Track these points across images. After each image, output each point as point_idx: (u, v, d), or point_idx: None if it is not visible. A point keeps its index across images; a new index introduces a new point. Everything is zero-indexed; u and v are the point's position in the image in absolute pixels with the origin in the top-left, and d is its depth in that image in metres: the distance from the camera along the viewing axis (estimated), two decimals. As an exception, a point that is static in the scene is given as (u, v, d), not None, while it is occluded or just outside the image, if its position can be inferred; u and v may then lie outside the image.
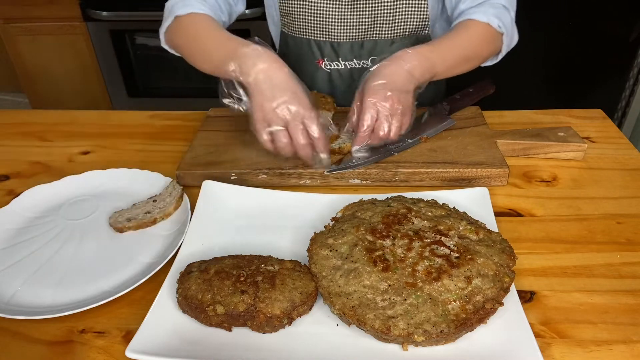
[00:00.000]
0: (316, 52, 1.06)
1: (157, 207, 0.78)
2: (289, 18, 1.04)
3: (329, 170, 0.83)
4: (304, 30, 1.04)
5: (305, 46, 1.06)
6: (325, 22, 1.01)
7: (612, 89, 2.10)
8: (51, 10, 2.18)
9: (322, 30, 1.03)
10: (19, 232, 0.77)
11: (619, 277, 0.66)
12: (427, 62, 0.82)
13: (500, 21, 0.88)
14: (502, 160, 0.83)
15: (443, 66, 0.85)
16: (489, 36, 0.90)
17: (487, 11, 0.88)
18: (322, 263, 0.63)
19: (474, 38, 0.89)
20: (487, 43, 0.90)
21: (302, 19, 1.03)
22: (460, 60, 0.88)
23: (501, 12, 0.89)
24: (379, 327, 0.55)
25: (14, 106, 2.88)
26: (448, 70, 0.87)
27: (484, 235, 0.66)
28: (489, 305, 0.57)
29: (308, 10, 1.01)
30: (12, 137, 1.04)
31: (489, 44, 0.91)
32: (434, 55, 0.83)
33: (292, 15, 1.03)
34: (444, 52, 0.85)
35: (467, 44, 0.89)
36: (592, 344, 0.57)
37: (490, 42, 0.90)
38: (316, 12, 1.01)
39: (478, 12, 0.89)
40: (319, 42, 1.05)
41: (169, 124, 1.07)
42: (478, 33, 0.89)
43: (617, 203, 0.79)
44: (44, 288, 0.67)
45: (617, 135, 0.96)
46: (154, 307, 0.61)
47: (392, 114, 0.79)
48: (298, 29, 1.05)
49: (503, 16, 0.89)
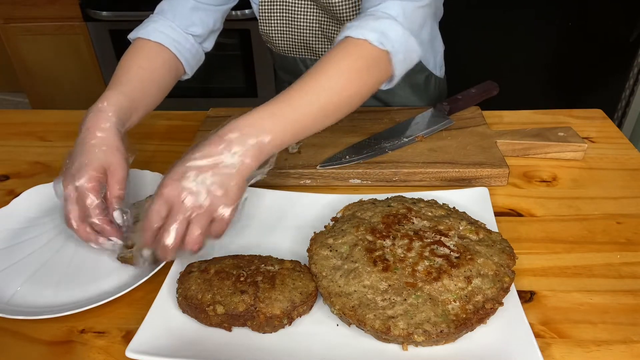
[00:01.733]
0: (302, 68, 1.06)
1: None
2: (270, 37, 1.03)
3: (322, 165, 0.83)
4: (288, 50, 1.04)
5: (292, 63, 1.06)
6: (307, 42, 1.00)
7: (612, 89, 2.10)
8: (51, 10, 2.19)
9: (305, 49, 1.02)
10: (19, 232, 0.77)
11: (619, 277, 0.66)
12: (267, 137, 0.61)
13: (383, 35, 0.67)
14: (502, 160, 0.83)
15: (299, 126, 0.64)
16: (366, 63, 0.67)
17: (362, 24, 0.67)
18: (322, 263, 0.63)
19: (337, 76, 0.66)
20: (365, 71, 0.68)
21: (284, 40, 1.02)
22: (327, 110, 0.66)
23: (387, 23, 0.68)
24: (379, 327, 0.55)
25: (14, 106, 2.88)
26: (313, 126, 0.67)
27: (484, 235, 0.66)
28: (489, 305, 0.57)
29: (289, 32, 0.99)
30: (12, 137, 1.04)
31: (368, 71, 0.68)
32: (281, 121, 0.62)
33: (274, 36, 1.01)
34: (298, 108, 0.64)
35: (327, 88, 0.65)
36: (592, 344, 0.57)
37: (369, 69, 0.68)
38: (298, 34, 0.99)
39: (353, 28, 0.68)
40: (305, 59, 1.05)
41: (169, 124, 1.07)
42: (346, 64, 0.67)
43: (617, 203, 0.79)
44: (44, 288, 0.67)
45: (617, 135, 0.96)
46: (154, 307, 0.61)
47: (193, 215, 0.58)
48: (282, 48, 1.04)
49: (389, 27, 0.68)
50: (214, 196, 0.58)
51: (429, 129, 0.91)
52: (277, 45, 1.04)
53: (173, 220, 0.58)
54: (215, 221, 0.60)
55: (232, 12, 2.07)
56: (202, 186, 0.58)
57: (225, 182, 0.59)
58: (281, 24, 0.99)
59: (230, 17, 1.90)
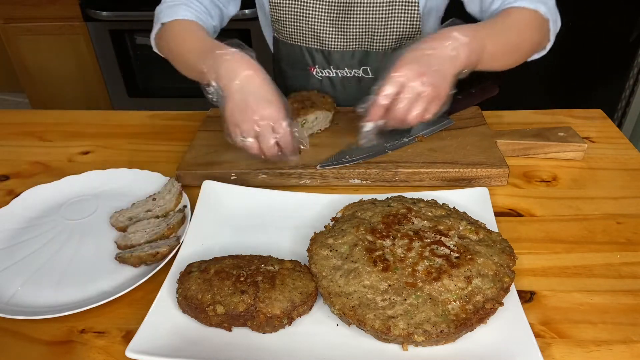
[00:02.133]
0: (308, 59, 1.05)
1: (157, 205, 0.78)
2: (280, 24, 1.03)
3: (322, 165, 0.83)
4: (295, 38, 1.04)
5: (298, 53, 1.06)
6: (316, 30, 1.00)
7: (612, 89, 2.10)
8: (51, 10, 2.19)
9: (313, 38, 1.02)
10: (19, 232, 0.77)
11: (619, 277, 0.66)
12: (476, 43, 0.74)
13: (546, 7, 0.84)
14: (502, 160, 0.83)
15: (492, 49, 0.77)
16: (537, 23, 0.84)
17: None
18: (322, 263, 0.63)
19: (522, 24, 0.83)
20: (537, 30, 0.84)
21: (293, 26, 1.02)
22: (511, 46, 0.82)
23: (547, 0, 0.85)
24: (379, 327, 0.55)
25: (14, 106, 2.88)
26: (496, 57, 0.80)
27: (484, 235, 0.66)
28: (489, 305, 0.57)
29: (299, 18, 1.00)
30: (12, 137, 1.04)
31: (538, 31, 0.85)
32: (484, 34, 0.76)
33: (283, 22, 1.02)
34: (494, 34, 0.79)
35: (517, 29, 0.83)
36: (592, 344, 0.57)
37: (539, 29, 0.85)
38: (307, 20, 1.00)
39: (522, 0, 0.83)
40: (311, 49, 1.04)
41: (169, 124, 1.07)
42: (526, 20, 0.83)
43: (617, 203, 0.79)
44: (44, 288, 0.67)
45: (617, 135, 0.96)
46: (154, 307, 0.61)
47: (419, 95, 0.71)
48: (289, 35, 1.04)
49: (548, 2, 0.85)
50: (436, 82, 0.71)
51: (428, 129, 0.91)
52: (285, 32, 1.04)
53: (407, 96, 0.70)
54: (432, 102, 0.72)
55: (232, 12, 2.07)
56: (428, 72, 0.70)
57: (445, 72, 0.72)
58: (292, 10, 1.00)
59: (230, 17, 1.86)
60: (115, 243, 0.73)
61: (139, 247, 0.71)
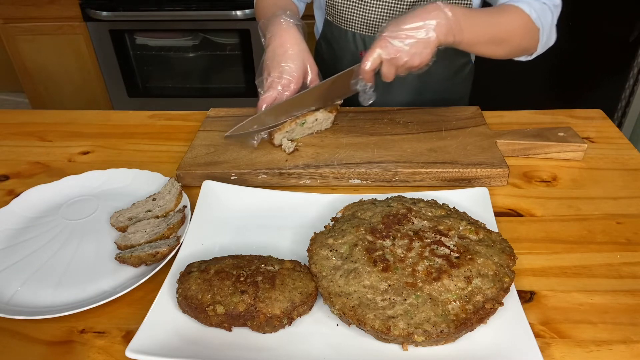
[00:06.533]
0: (359, 44, 1.08)
1: (157, 205, 0.78)
2: (335, 9, 1.07)
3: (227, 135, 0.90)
4: (347, 23, 1.07)
5: (349, 37, 1.09)
6: (369, 17, 1.03)
7: (612, 89, 2.10)
8: (51, 10, 2.19)
9: (366, 24, 1.05)
10: (18, 232, 0.77)
11: (619, 277, 0.66)
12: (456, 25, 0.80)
13: (539, 17, 0.87)
14: (502, 160, 0.83)
15: (470, 36, 0.82)
16: (527, 27, 0.88)
17: (531, 3, 0.87)
18: (322, 263, 0.63)
19: (511, 22, 0.87)
20: (525, 33, 0.88)
21: (347, 11, 1.05)
22: (491, 37, 0.86)
23: (543, 10, 0.88)
24: (379, 327, 0.55)
25: (14, 106, 2.88)
26: (474, 43, 0.85)
27: (484, 235, 0.66)
28: (489, 305, 0.57)
29: (353, 4, 1.03)
30: (12, 137, 1.04)
31: (525, 34, 0.88)
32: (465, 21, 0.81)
33: (338, 7, 1.06)
34: (476, 23, 0.84)
35: (504, 25, 0.87)
36: (592, 344, 0.57)
37: (528, 33, 0.88)
38: (361, 6, 1.03)
39: (523, 2, 0.87)
40: (363, 35, 1.07)
41: (169, 124, 1.07)
42: (517, 21, 0.87)
43: (617, 203, 0.79)
44: (44, 288, 0.67)
45: (617, 136, 0.96)
46: (154, 307, 0.61)
47: (405, 50, 0.78)
48: (342, 20, 1.07)
49: (544, 14, 0.88)
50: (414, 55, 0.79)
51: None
52: (340, 18, 1.07)
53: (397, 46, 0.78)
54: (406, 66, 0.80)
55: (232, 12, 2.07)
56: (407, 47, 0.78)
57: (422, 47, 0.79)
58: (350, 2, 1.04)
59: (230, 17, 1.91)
60: (115, 243, 0.73)
61: (139, 247, 0.71)
